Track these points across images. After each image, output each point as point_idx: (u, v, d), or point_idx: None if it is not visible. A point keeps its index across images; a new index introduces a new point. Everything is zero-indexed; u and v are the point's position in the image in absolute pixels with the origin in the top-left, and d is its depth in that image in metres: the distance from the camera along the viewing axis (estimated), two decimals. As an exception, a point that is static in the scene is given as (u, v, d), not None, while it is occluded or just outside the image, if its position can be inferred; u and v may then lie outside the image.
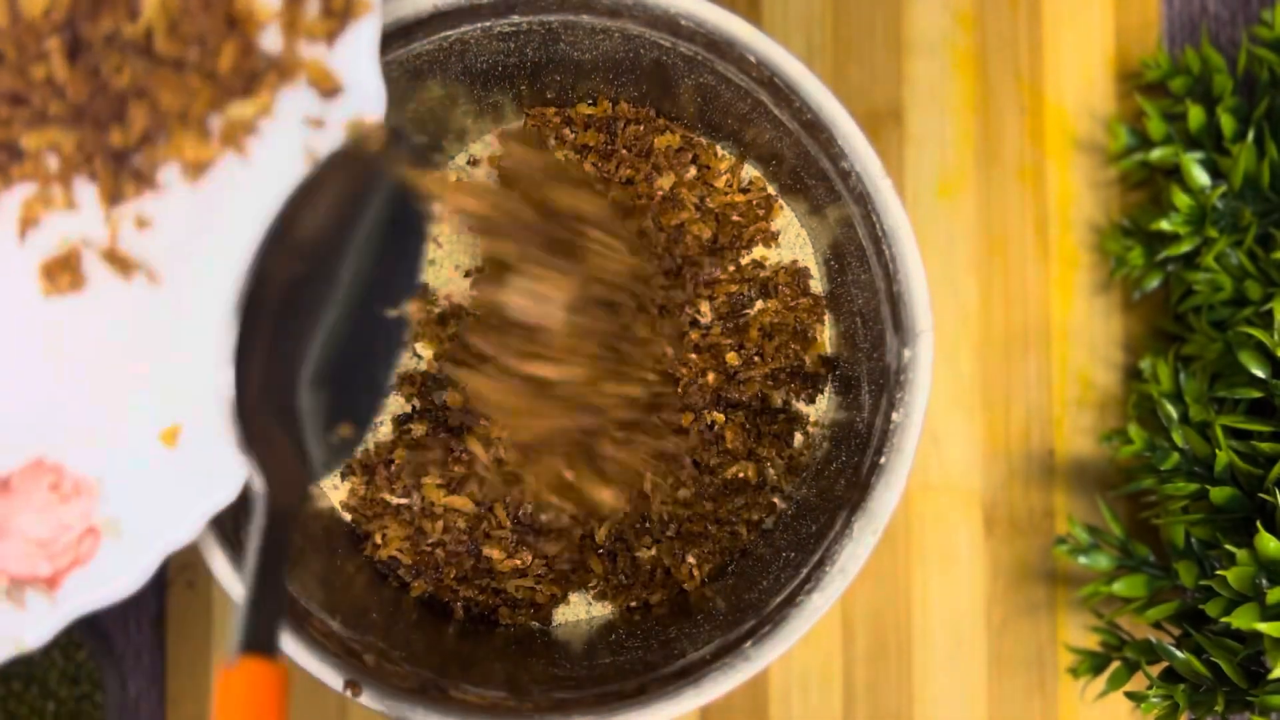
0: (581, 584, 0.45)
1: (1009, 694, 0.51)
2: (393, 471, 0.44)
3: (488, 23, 0.40)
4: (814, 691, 0.52)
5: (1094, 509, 0.52)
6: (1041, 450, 0.52)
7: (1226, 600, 0.43)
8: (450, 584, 0.45)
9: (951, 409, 0.52)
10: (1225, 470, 0.45)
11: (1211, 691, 0.44)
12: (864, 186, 0.38)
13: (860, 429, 0.41)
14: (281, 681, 0.30)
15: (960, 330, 0.53)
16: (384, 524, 0.44)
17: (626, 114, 0.45)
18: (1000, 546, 0.52)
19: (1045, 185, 0.53)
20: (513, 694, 0.39)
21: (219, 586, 0.51)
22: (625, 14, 0.39)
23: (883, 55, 0.53)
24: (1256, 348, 0.45)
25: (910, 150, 0.53)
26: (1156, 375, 0.49)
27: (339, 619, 0.40)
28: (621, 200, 0.42)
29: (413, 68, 0.41)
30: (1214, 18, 0.54)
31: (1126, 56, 0.53)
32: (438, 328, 0.45)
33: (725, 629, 0.40)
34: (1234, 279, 0.47)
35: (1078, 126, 0.53)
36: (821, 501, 0.42)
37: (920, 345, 0.38)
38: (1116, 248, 0.52)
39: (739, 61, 0.39)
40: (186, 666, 0.52)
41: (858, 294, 0.42)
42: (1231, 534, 0.44)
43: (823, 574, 0.38)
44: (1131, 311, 0.53)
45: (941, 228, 0.53)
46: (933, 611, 0.52)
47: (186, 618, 0.53)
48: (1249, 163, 0.47)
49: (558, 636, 0.45)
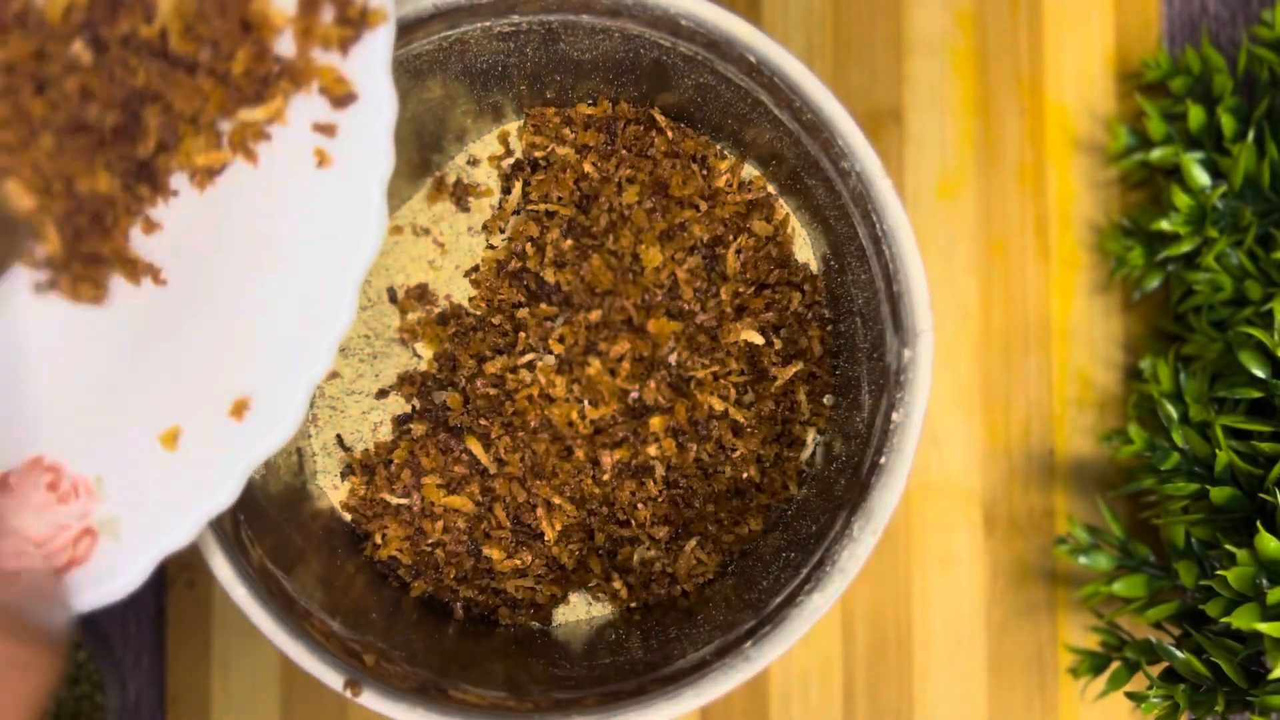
0: (581, 584, 0.45)
1: (1009, 694, 0.51)
2: (392, 471, 0.44)
3: (487, 22, 0.40)
4: (814, 691, 0.52)
5: (1094, 509, 0.52)
6: (1041, 450, 0.52)
7: (1227, 600, 0.43)
8: (450, 584, 0.45)
9: (951, 409, 0.52)
10: (1225, 470, 0.45)
11: (1212, 692, 0.44)
12: (864, 186, 0.38)
13: (860, 429, 0.41)
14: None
15: (960, 330, 0.53)
16: (384, 524, 0.44)
17: (626, 114, 0.45)
18: (1000, 546, 0.52)
19: (1045, 185, 0.53)
20: (513, 694, 0.39)
21: (219, 586, 0.51)
22: (625, 14, 0.39)
23: (883, 55, 0.53)
24: (1257, 348, 0.45)
25: (910, 150, 0.53)
26: (1157, 375, 0.49)
27: (339, 619, 0.40)
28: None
29: (413, 67, 0.41)
30: (1214, 18, 0.54)
31: (1127, 56, 0.53)
32: (438, 328, 0.45)
33: (725, 629, 0.40)
34: (1234, 279, 0.47)
35: (1078, 126, 0.53)
36: (821, 501, 0.42)
37: (920, 345, 0.38)
38: (1116, 248, 0.52)
39: (739, 61, 0.39)
40: (186, 666, 0.52)
41: (858, 294, 0.42)
42: (1232, 534, 0.44)
43: (823, 574, 0.38)
44: (1131, 311, 0.53)
45: (941, 228, 0.53)
46: (933, 611, 0.52)
47: (186, 618, 0.53)
48: (1249, 163, 0.47)
49: (558, 636, 0.45)
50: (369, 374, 0.46)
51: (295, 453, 0.44)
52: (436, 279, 0.46)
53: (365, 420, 0.46)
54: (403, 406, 0.46)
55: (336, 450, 0.46)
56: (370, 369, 0.46)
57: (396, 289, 0.46)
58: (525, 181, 0.46)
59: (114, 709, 0.52)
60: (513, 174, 0.46)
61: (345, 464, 0.45)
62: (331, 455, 0.46)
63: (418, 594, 0.45)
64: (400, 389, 0.46)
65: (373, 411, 0.46)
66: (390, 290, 0.46)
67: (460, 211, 0.46)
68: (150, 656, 0.53)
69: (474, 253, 0.46)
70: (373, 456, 0.45)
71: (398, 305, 0.46)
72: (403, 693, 0.38)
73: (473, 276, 0.46)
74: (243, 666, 0.52)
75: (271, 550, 0.40)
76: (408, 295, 0.46)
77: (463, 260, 0.46)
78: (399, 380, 0.46)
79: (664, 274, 0.44)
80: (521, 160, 0.46)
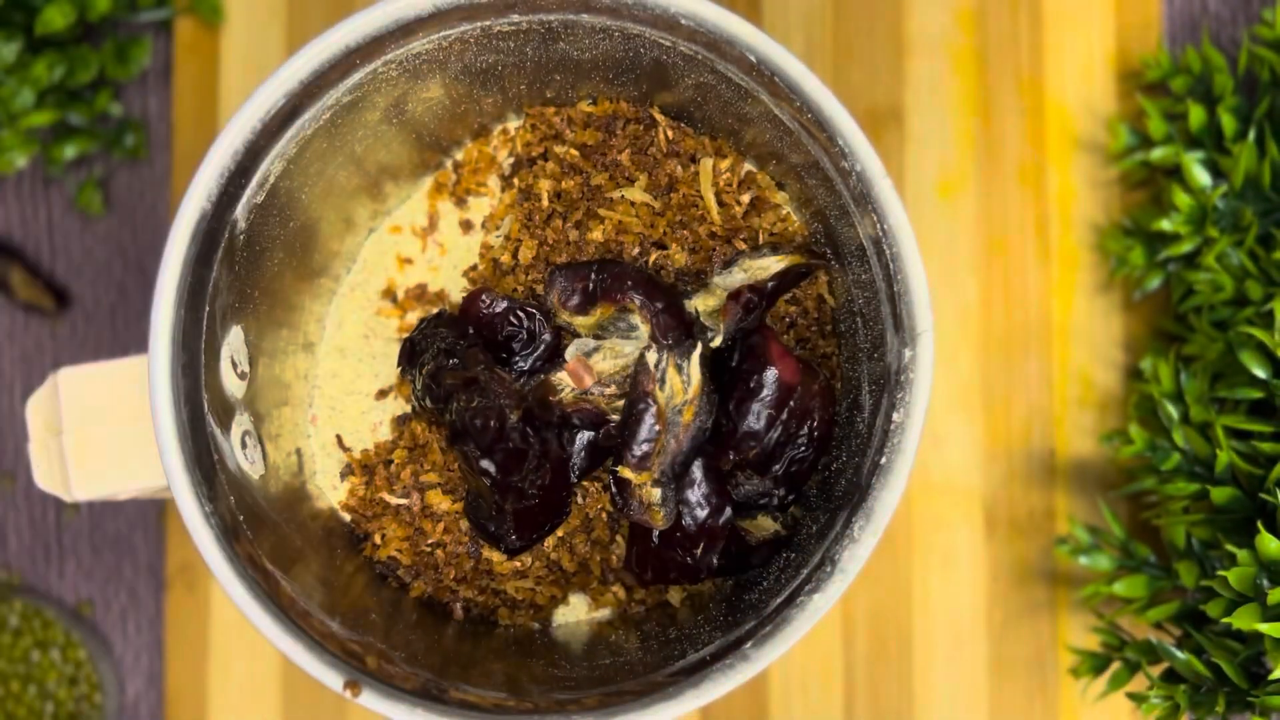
0: (581, 585, 0.45)
1: (1010, 694, 0.51)
2: (392, 472, 0.44)
3: (487, 22, 0.40)
4: (814, 692, 0.52)
5: (1095, 509, 0.52)
6: (1042, 450, 0.52)
7: (1227, 601, 0.43)
8: (450, 585, 0.44)
9: (952, 409, 0.52)
10: (1226, 470, 0.45)
11: (1212, 692, 0.44)
12: (864, 186, 0.38)
13: (860, 429, 0.41)
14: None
15: (960, 330, 0.53)
16: (383, 524, 0.44)
17: (626, 113, 0.45)
18: (1001, 547, 0.52)
19: (1046, 185, 0.53)
20: (513, 694, 0.39)
21: (218, 586, 0.51)
22: (625, 13, 0.39)
23: (883, 55, 0.53)
24: (1257, 348, 0.45)
25: (910, 150, 0.53)
26: (1157, 375, 0.49)
27: (338, 619, 0.40)
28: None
29: (413, 67, 0.41)
30: (1215, 17, 0.54)
31: (1127, 56, 0.53)
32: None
33: (725, 629, 0.40)
34: (1235, 279, 0.47)
35: (1078, 126, 0.53)
36: (822, 501, 0.42)
37: (921, 345, 0.38)
38: (1117, 247, 0.52)
39: (739, 61, 0.39)
40: (186, 667, 0.52)
41: (858, 294, 0.42)
42: (1232, 534, 0.44)
43: (823, 574, 0.38)
44: (1132, 311, 0.53)
45: (941, 228, 0.53)
46: (933, 612, 0.52)
47: (186, 618, 0.53)
48: (1250, 162, 0.47)
49: (558, 637, 0.45)
50: (369, 374, 0.46)
51: (295, 453, 0.44)
52: (436, 278, 0.46)
53: (365, 420, 0.46)
54: (403, 406, 0.46)
55: (336, 450, 0.46)
56: (370, 369, 0.46)
57: (396, 289, 0.46)
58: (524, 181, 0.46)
59: (113, 709, 0.51)
60: (512, 173, 0.46)
61: (345, 464, 0.45)
62: (331, 455, 0.46)
63: (417, 594, 0.45)
64: (400, 389, 0.46)
65: (372, 411, 0.46)
66: (390, 290, 0.46)
67: (459, 211, 0.46)
68: (149, 657, 0.53)
69: (473, 252, 0.46)
70: (372, 456, 0.45)
71: (397, 305, 0.46)
72: (402, 693, 0.38)
73: (471, 275, 0.46)
74: (242, 667, 0.52)
75: (271, 550, 0.40)
76: (407, 295, 0.46)
77: (462, 259, 0.46)
78: (399, 380, 0.46)
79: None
80: (521, 159, 0.46)
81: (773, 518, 0.43)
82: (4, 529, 0.54)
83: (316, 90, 0.39)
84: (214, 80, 0.55)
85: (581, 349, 0.41)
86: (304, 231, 0.43)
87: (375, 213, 0.46)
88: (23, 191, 0.56)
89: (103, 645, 0.53)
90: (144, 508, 0.54)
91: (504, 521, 0.41)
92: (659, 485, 0.40)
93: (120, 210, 0.55)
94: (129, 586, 0.54)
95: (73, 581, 0.54)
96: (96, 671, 0.52)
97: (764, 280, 0.41)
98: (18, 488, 0.55)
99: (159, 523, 0.54)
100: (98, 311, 0.55)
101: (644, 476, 0.40)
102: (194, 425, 0.38)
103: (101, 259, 0.55)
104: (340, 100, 0.40)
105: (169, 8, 0.55)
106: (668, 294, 0.41)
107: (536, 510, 0.41)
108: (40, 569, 0.54)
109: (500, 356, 0.42)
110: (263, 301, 0.42)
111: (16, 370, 0.55)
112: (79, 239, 0.55)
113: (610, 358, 0.41)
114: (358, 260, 0.46)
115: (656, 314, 0.40)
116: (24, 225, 0.56)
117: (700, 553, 0.42)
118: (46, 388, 0.43)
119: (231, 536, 0.38)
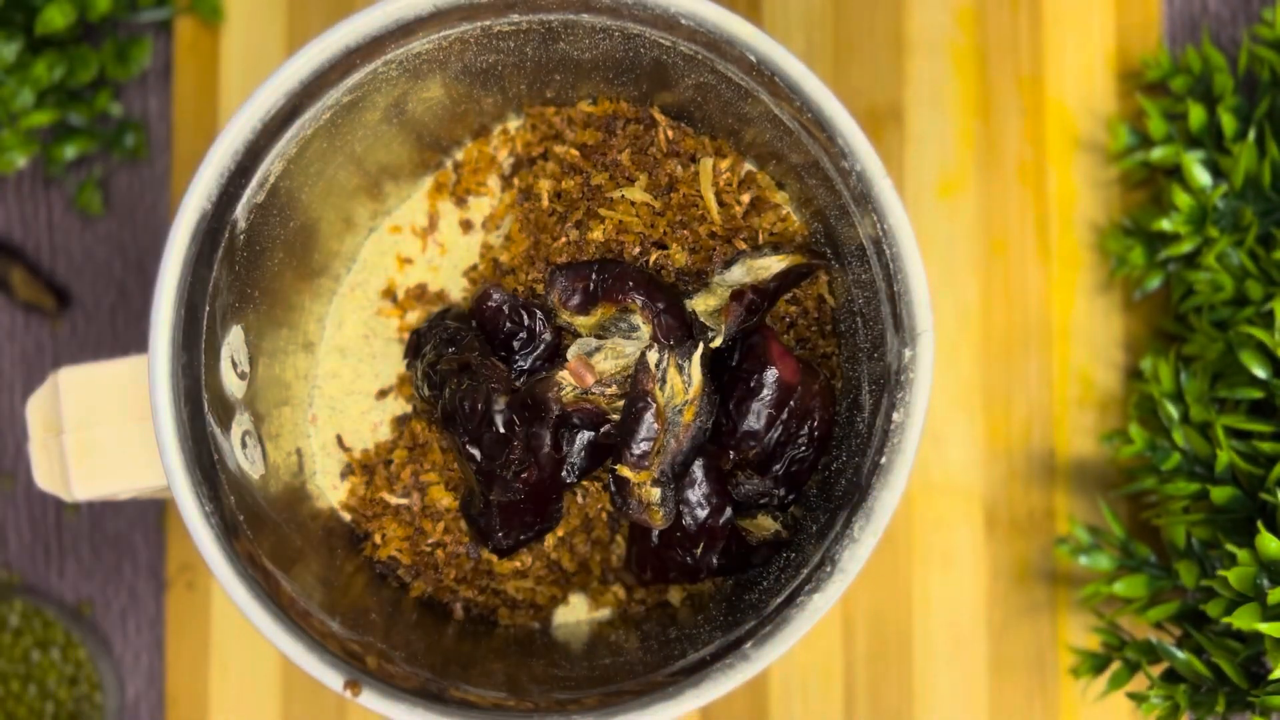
0: (581, 585, 0.45)
1: (1010, 694, 0.51)
2: (392, 471, 0.44)
3: (487, 22, 0.40)
4: (814, 692, 0.52)
5: (1095, 509, 0.52)
6: (1042, 450, 0.52)
7: (1227, 600, 0.43)
8: (450, 584, 0.44)
9: (952, 409, 0.52)
10: (1226, 470, 0.45)
11: (1212, 692, 0.44)
12: (864, 186, 0.38)
13: (860, 429, 0.41)
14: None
15: (960, 330, 0.53)
16: (383, 524, 0.44)
17: (626, 113, 0.45)
18: (1001, 547, 0.52)
19: (1046, 185, 0.53)
20: (513, 694, 0.39)
21: (218, 587, 0.51)
22: (625, 13, 0.39)
23: (883, 55, 0.53)
24: (1257, 348, 0.45)
25: (910, 150, 0.53)
26: (1157, 375, 0.49)
27: (338, 619, 0.40)
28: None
29: (413, 67, 0.41)
30: (1215, 17, 0.54)
31: (1127, 56, 0.53)
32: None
33: (725, 629, 0.40)
34: (1235, 279, 0.47)
35: (1078, 126, 0.53)
36: (821, 501, 0.42)
37: (921, 345, 0.38)
38: (1117, 247, 0.52)
39: (739, 61, 0.39)
40: (186, 667, 0.52)
41: (858, 294, 0.42)
42: (1232, 534, 0.44)
43: (823, 574, 0.38)
44: (1132, 311, 0.53)
45: (941, 228, 0.53)
46: (933, 612, 0.52)
47: (186, 618, 0.53)
48: (1250, 162, 0.47)
49: (558, 637, 0.45)
50: (369, 374, 0.46)
51: (295, 453, 0.44)
52: (436, 278, 0.46)
53: (365, 420, 0.46)
54: (403, 406, 0.46)
55: (336, 450, 0.46)
56: (370, 369, 0.46)
57: (396, 289, 0.46)
58: (524, 181, 0.46)
59: (113, 709, 0.51)
60: (512, 173, 0.46)
61: (345, 464, 0.45)
62: (331, 455, 0.46)
63: (417, 594, 0.45)
64: (400, 389, 0.46)
65: (373, 411, 0.46)
66: (390, 290, 0.46)
67: (459, 211, 0.46)
68: (149, 657, 0.53)
69: (473, 251, 0.46)
70: (373, 456, 0.45)
71: (397, 305, 0.46)
72: (403, 693, 0.38)
73: (472, 275, 0.46)
74: (242, 667, 0.52)
75: (271, 550, 0.40)
76: (407, 295, 0.46)
77: (462, 259, 0.46)
78: (399, 380, 0.46)
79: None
80: (521, 159, 0.46)
81: (773, 518, 0.43)
82: (4, 529, 0.54)
83: (316, 90, 0.39)
84: (214, 80, 0.55)
85: (583, 349, 0.41)
86: (304, 231, 0.43)
87: (375, 213, 0.46)
88: (23, 191, 0.56)
89: (103, 645, 0.53)
90: (144, 508, 0.54)
91: (491, 516, 0.41)
92: (658, 485, 0.40)
93: (120, 210, 0.55)
94: (129, 586, 0.54)
95: (73, 581, 0.54)
96: (97, 671, 0.52)
97: (766, 280, 0.41)
98: (18, 488, 0.55)
99: (159, 523, 0.54)
100: (98, 311, 0.55)
101: (643, 475, 0.40)
102: (194, 425, 0.38)
103: (101, 259, 0.55)
104: (340, 100, 0.40)
105: (169, 8, 0.55)
106: (669, 294, 0.41)
107: (522, 507, 0.41)
108: (40, 569, 0.54)
109: (501, 355, 0.42)
110: (263, 301, 0.42)
111: (16, 370, 0.55)
112: (79, 239, 0.56)
113: (611, 357, 0.41)
114: (358, 260, 0.46)
115: (658, 314, 0.40)
116: (24, 225, 0.56)
117: (700, 553, 0.42)
118: (46, 388, 0.43)
119: (231, 536, 0.38)
